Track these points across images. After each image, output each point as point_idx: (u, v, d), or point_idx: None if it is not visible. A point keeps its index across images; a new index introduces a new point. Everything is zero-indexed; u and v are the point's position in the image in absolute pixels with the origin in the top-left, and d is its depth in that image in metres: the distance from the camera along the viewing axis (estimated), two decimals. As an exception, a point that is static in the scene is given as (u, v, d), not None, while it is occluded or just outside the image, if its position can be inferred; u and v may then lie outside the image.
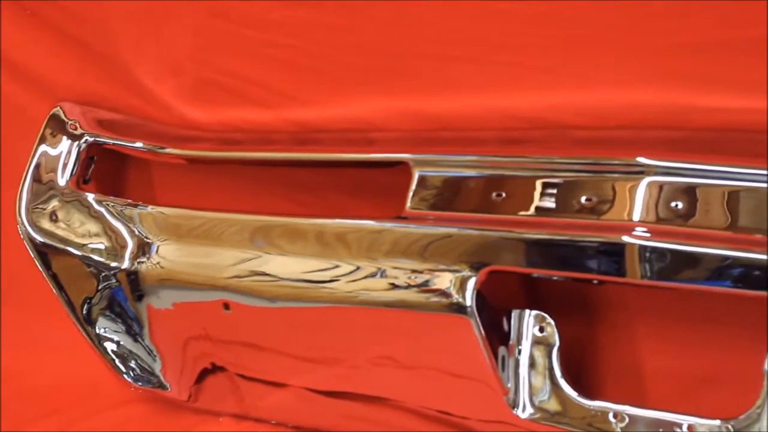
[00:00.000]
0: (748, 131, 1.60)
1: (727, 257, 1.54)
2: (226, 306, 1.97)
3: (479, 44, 1.78)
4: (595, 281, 1.68)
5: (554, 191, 1.68)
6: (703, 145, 1.63)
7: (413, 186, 1.80)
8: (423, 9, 1.80)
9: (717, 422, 1.63)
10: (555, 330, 1.74)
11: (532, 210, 1.69)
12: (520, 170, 1.71)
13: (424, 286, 1.76)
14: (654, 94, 1.66)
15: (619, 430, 1.69)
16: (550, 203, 1.68)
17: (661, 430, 1.66)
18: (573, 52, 1.71)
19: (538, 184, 1.69)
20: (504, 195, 1.72)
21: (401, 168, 1.83)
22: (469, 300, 1.71)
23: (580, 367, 1.81)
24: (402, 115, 1.86)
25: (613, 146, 1.68)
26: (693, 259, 1.57)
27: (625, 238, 1.60)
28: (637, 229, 1.61)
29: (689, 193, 1.59)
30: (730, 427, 1.62)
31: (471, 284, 1.71)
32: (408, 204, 1.80)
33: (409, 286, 1.78)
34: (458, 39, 1.79)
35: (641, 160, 1.63)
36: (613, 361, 1.82)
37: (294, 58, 1.94)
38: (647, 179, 1.62)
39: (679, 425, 1.65)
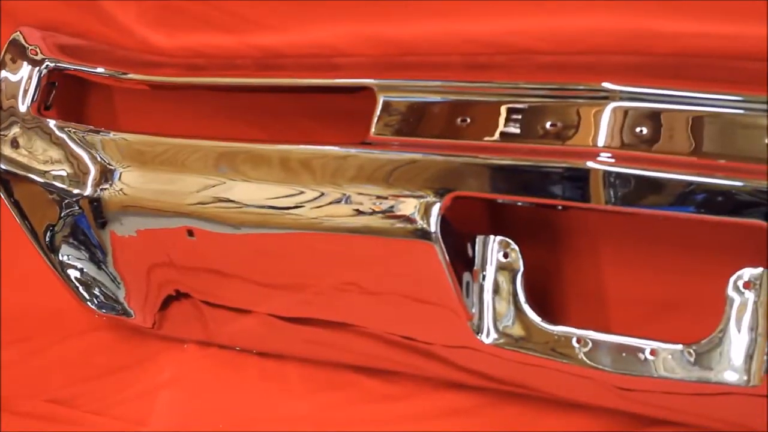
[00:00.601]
0: (710, 56, 1.60)
1: (691, 183, 1.54)
2: (190, 233, 1.96)
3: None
4: (560, 207, 1.68)
5: (519, 117, 1.66)
6: (667, 71, 1.62)
7: (378, 111, 1.78)
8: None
9: (679, 346, 1.63)
10: (519, 255, 1.74)
11: (496, 135, 1.67)
12: (484, 95, 1.70)
13: (388, 212, 1.75)
14: (617, 20, 1.64)
15: (582, 354, 1.70)
16: (514, 129, 1.66)
17: (623, 354, 1.67)
18: None
19: (503, 109, 1.68)
20: (469, 120, 1.70)
21: (366, 93, 1.81)
22: (433, 225, 1.70)
23: (545, 293, 1.81)
24: (366, 40, 1.84)
25: (577, 71, 1.67)
26: (657, 184, 1.56)
27: (590, 164, 1.59)
28: (602, 154, 1.60)
29: (653, 118, 1.58)
30: (692, 350, 1.62)
31: (436, 210, 1.70)
32: (372, 130, 1.78)
33: (373, 212, 1.77)
34: None
35: (606, 85, 1.61)
36: (577, 286, 1.82)
37: (255, -19, 1.92)
38: (612, 104, 1.61)
39: (642, 350, 1.66)
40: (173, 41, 2.02)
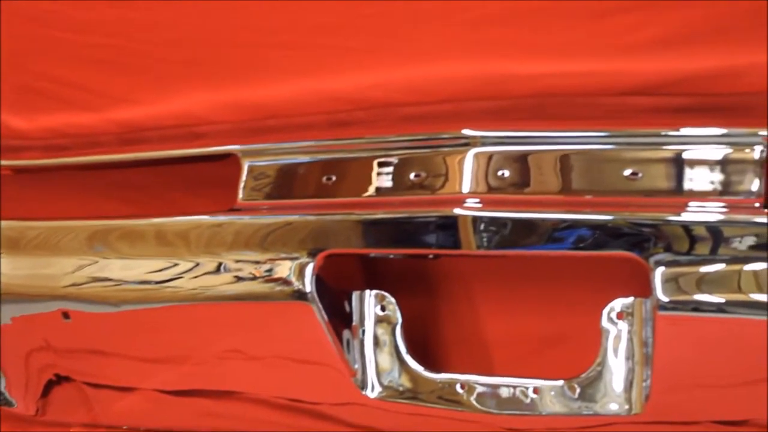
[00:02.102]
0: (567, 95, 1.62)
1: (558, 220, 1.56)
2: (65, 315, 1.91)
3: (295, 29, 1.76)
4: (431, 256, 1.68)
5: (383, 170, 1.66)
6: (526, 112, 1.64)
7: (243, 177, 1.77)
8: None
9: (560, 382, 1.64)
10: (396, 307, 1.73)
11: (363, 191, 1.67)
12: (348, 152, 1.70)
13: (265, 276, 1.73)
14: (472, 66, 1.66)
15: (467, 399, 1.69)
16: (380, 182, 1.66)
17: (508, 395, 1.67)
18: (390, 30, 1.70)
19: (367, 164, 1.68)
20: (335, 178, 1.70)
21: (231, 160, 1.80)
22: (308, 286, 1.69)
23: (426, 342, 1.81)
24: (226, 106, 1.83)
25: (438, 120, 1.68)
26: (525, 225, 1.58)
27: (457, 211, 1.60)
28: (468, 200, 1.60)
29: (515, 160, 1.59)
30: (573, 385, 1.63)
31: (309, 270, 1.69)
32: (240, 195, 1.77)
33: (249, 278, 1.75)
34: (274, 25, 1.77)
35: (466, 132, 1.62)
36: (457, 332, 1.81)
37: (112, 57, 1.89)
38: (473, 150, 1.62)
39: (525, 389, 1.66)
40: (34, 123, 1.99)
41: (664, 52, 1.58)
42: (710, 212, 1.50)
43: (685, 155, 1.52)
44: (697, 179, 1.51)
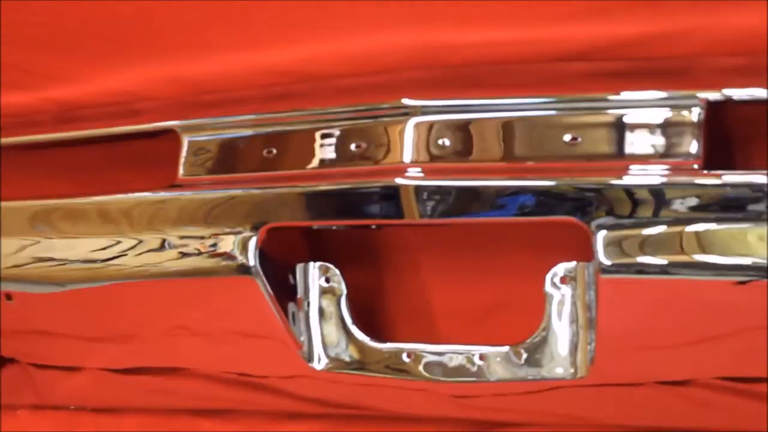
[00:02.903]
0: (502, 63, 1.61)
1: (500, 187, 1.55)
2: (8, 297, 1.89)
3: (229, 3, 1.74)
4: (374, 226, 1.67)
5: (324, 142, 1.65)
6: (462, 81, 1.63)
7: (183, 153, 1.75)
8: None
9: (506, 348, 1.64)
10: (341, 279, 1.72)
11: (304, 163, 1.66)
12: (287, 125, 1.69)
13: (208, 252, 1.72)
14: (407, 36, 1.65)
15: (414, 368, 1.68)
16: (321, 154, 1.65)
17: (454, 362, 1.66)
18: (324, 2, 1.69)
19: (307, 136, 1.66)
20: (275, 151, 1.68)
21: (171, 136, 1.78)
22: (252, 260, 1.68)
23: (371, 312, 1.80)
24: (163, 82, 1.81)
25: (376, 91, 1.66)
26: (467, 193, 1.57)
27: (399, 180, 1.59)
28: (410, 170, 1.59)
29: (456, 129, 1.58)
30: (519, 350, 1.63)
31: (252, 244, 1.68)
32: (180, 171, 1.75)
33: (194, 254, 1.74)
34: (207, 1, 1.75)
35: (405, 101, 1.61)
36: (403, 302, 1.80)
37: (46, 36, 1.86)
38: (413, 120, 1.61)
39: (471, 356, 1.65)
40: (-32, 104, 1.95)
41: (596, 18, 1.57)
42: (650, 175, 1.49)
43: (623, 119, 1.52)
44: (637, 143, 1.51)
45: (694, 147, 1.49)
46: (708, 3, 1.55)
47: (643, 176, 1.50)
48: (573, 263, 1.58)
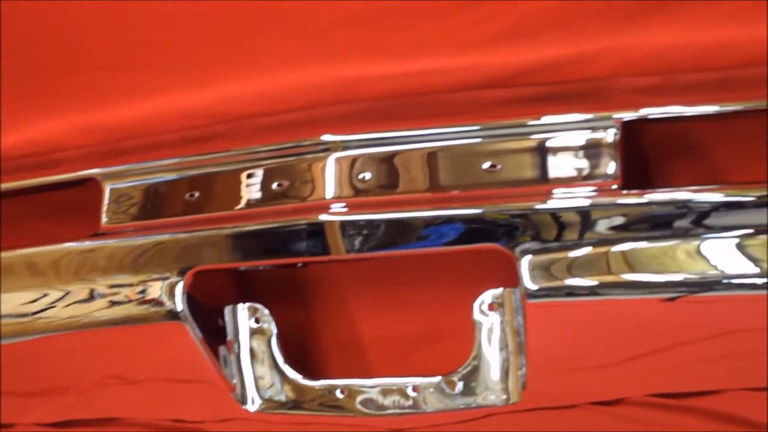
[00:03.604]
0: (417, 94, 1.62)
1: (424, 218, 1.55)
2: (-62, 355, 1.85)
3: (143, 49, 1.73)
4: (300, 264, 1.67)
5: (245, 182, 1.65)
6: (379, 114, 1.63)
7: (105, 201, 1.73)
8: (82, 23, 1.75)
9: (438, 378, 1.63)
10: (271, 318, 1.71)
11: (226, 205, 1.65)
12: (208, 167, 1.68)
13: (137, 299, 1.70)
14: (323, 72, 1.65)
15: (348, 404, 1.67)
16: (243, 195, 1.65)
17: (388, 396, 1.65)
18: (238, 42, 1.69)
19: (228, 178, 1.66)
20: (197, 194, 1.67)
21: (93, 184, 1.76)
22: (180, 305, 1.66)
23: (304, 350, 1.79)
24: (82, 130, 1.79)
25: (296, 128, 1.66)
26: (392, 225, 1.57)
27: (323, 217, 1.59)
28: (333, 205, 1.59)
29: (376, 162, 1.58)
30: (452, 380, 1.62)
31: (180, 288, 1.66)
32: (104, 219, 1.73)
33: (123, 301, 1.72)
34: (122, 47, 1.75)
35: (325, 137, 1.61)
36: (334, 338, 1.79)
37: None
38: (334, 155, 1.61)
39: (405, 388, 1.65)
40: None
41: (509, 45, 1.59)
42: (571, 198, 1.51)
43: (541, 144, 1.53)
44: (556, 166, 1.52)
45: (612, 167, 1.50)
46: (621, 24, 1.57)
47: (563, 199, 1.51)
48: (500, 290, 1.58)
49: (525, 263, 1.51)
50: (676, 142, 1.61)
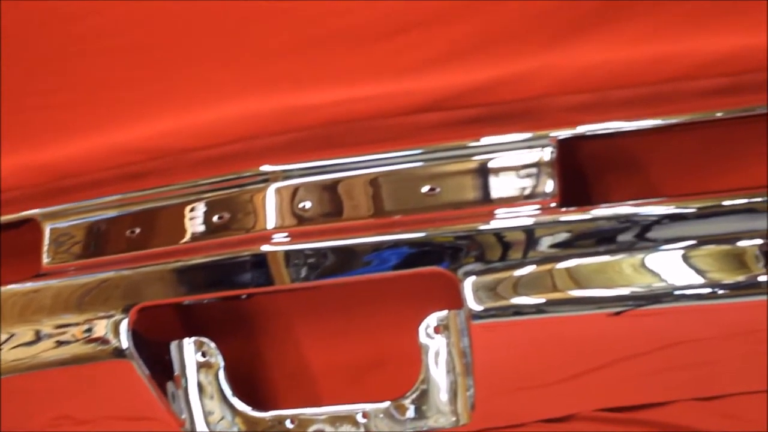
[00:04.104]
0: (354, 121, 1.62)
1: (366, 245, 1.56)
2: None
3: (78, 87, 1.73)
4: (244, 296, 1.66)
5: (186, 216, 1.64)
6: (318, 142, 1.63)
7: (46, 241, 1.72)
8: (16, 63, 1.74)
9: (387, 404, 1.62)
10: (217, 352, 1.69)
11: (168, 240, 1.65)
12: (148, 203, 1.67)
13: (84, 338, 1.69)
14: (261, 102, 1.65)
15: (301, 432, 1.67)
16: (184, 229, 1.64)
17: (338, 423, 1.64)
18: (172, 76, 1.69)
19: (169, 212, 1.65)
20: (138, 230, 1.67)
21: (33, 225, 1.75)
22: (125, 342, 1.65)
23: (252, 381, 1.77)
24: (19, 171, 1.77)
25: (235, 160, 1.66)
26: (334, 253, 1.57)
27: (265, 248, 1.59)
28: (275, 236, 1.59)
29: (316, 190, 1.59)
30: (401, 404, 1.61)
31: (124, 326, 1.65)
32: (45, 260, 1.72)
33: (70, 341, 1.70)
34: (56, 86, 1.73)
35: (264, 168, 1.61)
36: (282, 367, 1.78)
37: None
38: (274, 185, 1.61)
39: (354, 415, 1.64)
40: None
41: (443, 68, 1.59)
42: (510, 218, 1.51)
43: (478, 165, 1.54)
44: (494, 187, 1.53)
45: (550, 186, 1.51)
46: (553, 44, 1.58)
47: (503, 219, 1.52)
48: (444, 312, 1.58)
49: (468, 285, 1.51)
50: (614, 158, 1.62)
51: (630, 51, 1.57)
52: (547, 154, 1.52)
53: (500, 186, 1.53)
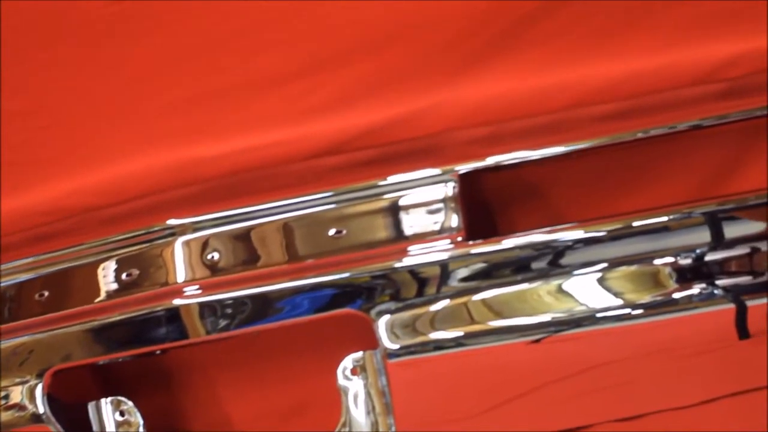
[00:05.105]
0: (257, 169, 1.61)
1: (277, 291, 1.56)
2: None
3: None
4: (158, 351, 1.64)
5: (95, 276, 1.62)
6: (222, 192, 1.63)
7: None
8: None
9: (310, 448, 1.62)
10: (135, 410, 1.66)
11: (78, 300, 1.62)
12: (56, 265, 1.65)
13: (1, 406, 1.65)
14: (163, 156, 1.64)
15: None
16: (94, 289, 1.62)
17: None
18: (73, 135, 1.67)
19: (78, 273, 1.63)
20: (47, 294, 1.64)
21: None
22: (41, 407, 1.62)
23: (175, 436, 1.76)
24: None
25: (141, 216, 1.64)
26: (247, 301, 1.56)
27: (177, 301, 1.57)
28: (186, 289, 1.58)
29: (223, 241, 1.58)
30: None
31: (39, 390, 1.62)
32: (-48, 329, 1.69)
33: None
34: None
35: (171, 222, 1.60)
36: (203, 420, 1.76)
37: None
38: (181, 239, 1.60)
39: (275, 461, 1.63)
40: None
41: (342, 111, 1.60)
42: (417, 255, 1.52)
43: (383, 205, 1.54)
44: (399, 225, 1.54)
45: (454, 220, 1.52)
46: (448, 79, 1.59)
47: (411, 257, 1.52)
48: (360, 353, 1.57)
49: (382, 324, 1.52)
50: (520, 187, 1.64)
51: (527, 81, 1.59)
52: (449, 189, 1.52)
53: (405, 224, 1.53)
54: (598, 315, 1.50)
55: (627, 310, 1.50)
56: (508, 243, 1.52)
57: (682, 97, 1.56)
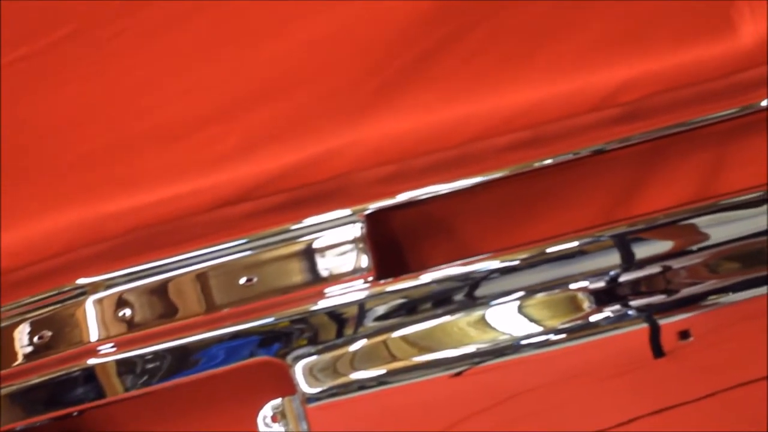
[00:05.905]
0: (164, 222, 1.61)
1: (191, 344, 1.55)
2: None
3: None
4: (75, 413, 1.62)
5: (7, 341, 1.58)
6: (129, 248, 1.61)
7: None
8: None
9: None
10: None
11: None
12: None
13: None
14: (66, 216, 1.62)
15: None
16: (9, 354, 1.58)
17: None
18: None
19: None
20: (-43, 362, 1.62)
21: None
22: (-39, 480, 1.59)
23: None
24: None
25: (50, 277, 1.61)
26: (162, 356, 1.55)
27: (91, 361, 1.55)
28: (100, 347, 1.56)
29: (133, 297, 1.56)
30: None
31: (-45, 464, 1.59)
32: None
33: None
34: None
35: (80, 281, 1.58)
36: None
37: None
38: (92, 297, 1.57)
39: None
40: None
41: (247, 158, 1.60)
42: (328, 298, 1.52)
43: (292, 250, 1.53)
44: (308, 269, 1.53)
45: (364, 261, 1.52)
46: (349, 121, 1.59)
47: (321, 300, 1.52)
48: (279, 400, 1.56)
49: (299, 369, 1.51)
50: (430, 222, 1.64)
51: (431, 117, 1.60)
52: (357, 229, 1.52)
53: (318, 267, 1.53)
54: (519, 343, 1.50)
55: (547, 336, 1.50)
56: (423, 278, 1.52)
57: (583, 123, 1.58)
